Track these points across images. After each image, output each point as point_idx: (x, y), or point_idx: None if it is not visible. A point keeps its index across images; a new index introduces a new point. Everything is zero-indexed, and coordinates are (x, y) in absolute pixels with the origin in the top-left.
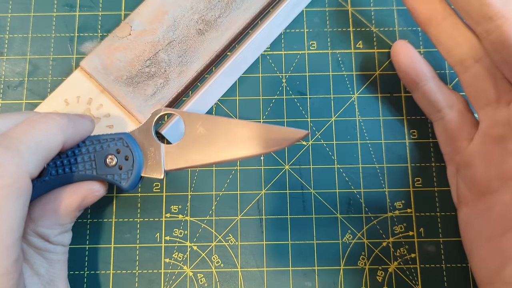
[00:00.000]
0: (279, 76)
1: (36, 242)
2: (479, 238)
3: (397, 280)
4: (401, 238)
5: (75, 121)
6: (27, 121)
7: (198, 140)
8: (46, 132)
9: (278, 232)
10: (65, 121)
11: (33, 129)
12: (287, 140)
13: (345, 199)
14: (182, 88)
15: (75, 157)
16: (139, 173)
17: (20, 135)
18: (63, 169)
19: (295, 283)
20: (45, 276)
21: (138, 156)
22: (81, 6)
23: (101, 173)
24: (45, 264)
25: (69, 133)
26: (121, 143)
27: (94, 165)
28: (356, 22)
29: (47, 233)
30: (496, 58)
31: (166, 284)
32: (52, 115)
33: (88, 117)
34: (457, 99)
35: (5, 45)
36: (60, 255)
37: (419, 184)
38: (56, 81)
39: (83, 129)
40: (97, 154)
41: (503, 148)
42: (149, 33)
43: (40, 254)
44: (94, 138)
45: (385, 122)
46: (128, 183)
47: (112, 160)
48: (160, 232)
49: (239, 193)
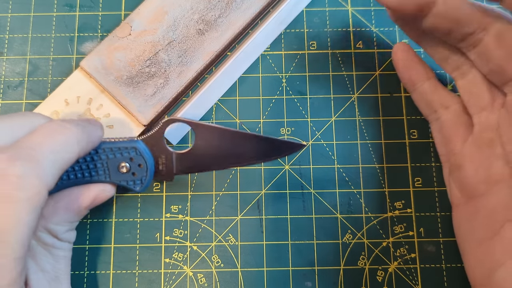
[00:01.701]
0: (279, 76)
1: (45, 238)
2: (470, 241)
3: (397, 280)
4: (401, 238)
5: (88, 131)
6: (42, 130)
7: (207, 148)
8: (64, 144)
9: (278, 232)
10: (80, 131)
11: (51, 140)
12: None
13: (345, 199)
14: (182, 88)
15: (87, 164)
16: (151, 178)
17: (39, 146)
18: (75, 174)
19: (295, 283)
20: (50, 273)
21: (151, 163)
22: (81, 6)
23: (115, 179)
24: (51, 261)
25: (83, 144)
26: (134, 152)
27: (107, 171)
28: (356, 22)
29: (56, 229)
30: (483, 70)
31: (166, 284)
32: (66, 125)
33: (98, 124)
34: (453, 100)
35: (5, 45)
36: (66, 252)
37: (419, 184)
38: (56, 81)
39: (95, 137)
40: (110, 162)
41: (491, 152)
42: (149, 33)
43: (47, 250)
44: (107, 145)
45: (385, 122)
46: (142, 188)
47: (125, 167)
48: (160, 232)
49: (239, 193)
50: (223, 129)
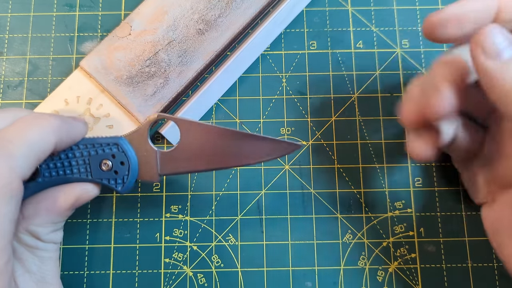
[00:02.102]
0: (279, 76)
1: (28, 240)
2: (510, 233)
3: (397, 280)
4: (401, 238)
5: (68, 123)
6: (19, 122)
7: (192, 147)
8: (39, 134)
9: (278, 232)
10: (58, 122)
11: (26, 131)
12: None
13: (345, 199)
14: (182, 88)
15: (69, 160)
16: (134, 177)
17: (12, 137)
18: (56, 171)
19: (295, 283)
20: (36, 274)
21: (133, 161)
22: (81, 6)
23: (96, 177)
24: (37, 262)
25: (61, 135)
26: (116, 148)
27: (89, 168)
28: (356, 22)
29: (38, 231)
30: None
31: (166, 284)
32: (44, 115)
33: (81, 120)
34: None
35: (5, 45)
36: (51, 253)
37: (419, 184)
38: (56, 81)
39: (76, 131)
40: (92, 158)
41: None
42: (149, 33)
43: (31, 252)
44: (89, 141)
45: (385, 122)
46: (123, 188)
47: (107, 165)
48: (160, 232)
49: (239, 193)
50: (209, 126)
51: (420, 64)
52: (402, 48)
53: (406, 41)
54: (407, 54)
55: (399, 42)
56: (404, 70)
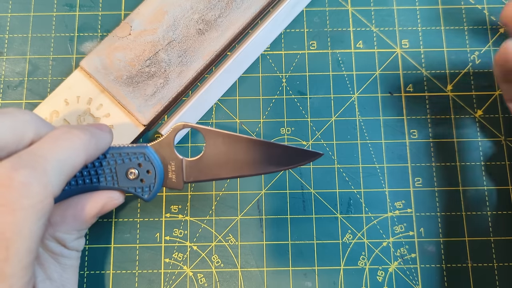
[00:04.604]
0: (279, 76)
1: (53, 247)
2: None
3: (397, 280)
4: (401, 238)
5: (96, 137)
6: (49, 137)
7: (218, 155)
8: (70, 151)
9: (278, 232)
10: (88, 138)
11: (58, 147)
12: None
13: (345, 199)
14: (182, 88)
15: (95, 169)
16: (160, 186)
17: (45, 153)
18: (83, 180)
19: (295, 283)
20: (57, 281)
21: (160, 170)
22: (81, 6)
23: (123, 185)
24: (59, 269)
25: (91, 151)
26: (143, 157)
27: (115, 177)
28: (356, 22)
29: (64, 238)
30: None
31: (166, 284)
32: (74, 131)
33: (107, 129)
34: None
35: (5, 45)
36: (73, 260)
37: (419, 184)
38: (56, 81)
39: (104, 143)
40: (118, 167)
41: None
42: (149, 33)
43: (55, 259)
44: (115, 150)
45: (385, 122)
46: (150, 196)
47: (134, 173)
48: (160, 232)
49: (239, 193)
50: (234, 136)
51: (420, 64)
52: (402, 48)
53: (406, 41)
54: (407, 54)
55: (399, 42)
56: (404, 70)
